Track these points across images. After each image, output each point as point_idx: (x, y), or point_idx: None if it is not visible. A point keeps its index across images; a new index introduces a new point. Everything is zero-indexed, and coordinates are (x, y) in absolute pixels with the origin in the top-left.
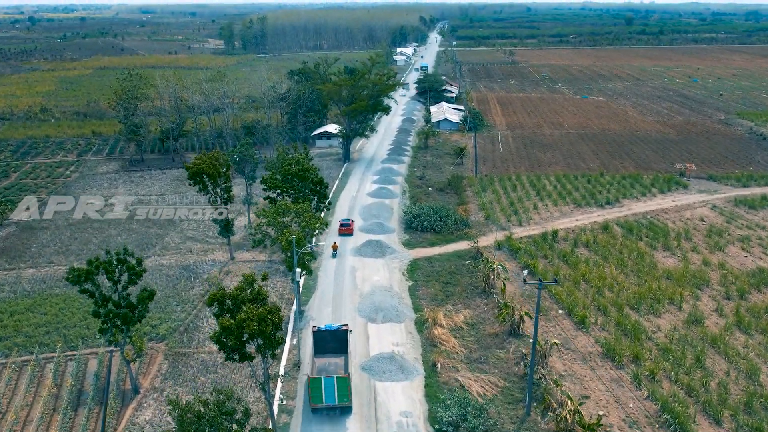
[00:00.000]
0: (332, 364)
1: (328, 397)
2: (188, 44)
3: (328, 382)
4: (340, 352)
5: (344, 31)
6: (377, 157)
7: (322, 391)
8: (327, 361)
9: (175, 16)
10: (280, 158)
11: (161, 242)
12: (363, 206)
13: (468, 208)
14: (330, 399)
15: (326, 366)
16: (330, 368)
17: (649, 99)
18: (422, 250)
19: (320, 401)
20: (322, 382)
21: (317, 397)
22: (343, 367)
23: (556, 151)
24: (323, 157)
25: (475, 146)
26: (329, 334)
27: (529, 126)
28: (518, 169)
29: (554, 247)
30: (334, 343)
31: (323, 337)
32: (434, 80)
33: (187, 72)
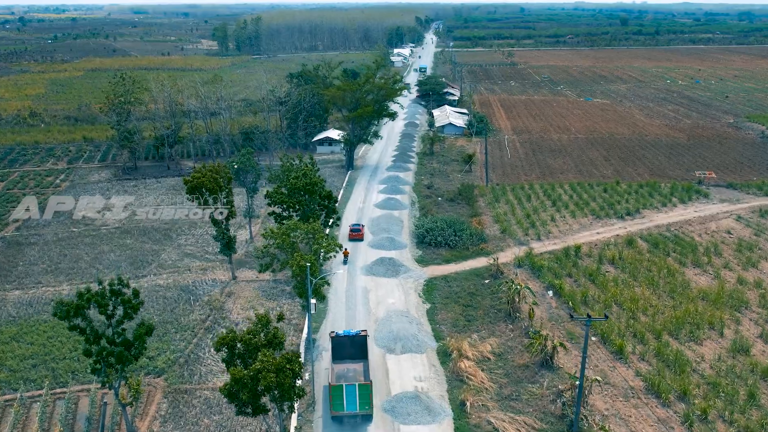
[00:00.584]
0: (351, 370)
1: (349, 404)
2: (181, 45)
3: (349, 389)
4: (358, 358)
5: (340, 32)
6: (382, 164)
7: (343, 398)
8: (346, 367)
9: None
10: (284, 169)
11: (157, 259)
12: (371, 219)
13: (482, 221)
14: (351, 406)
15: (345, 372)
16: (349, 374)
17: (654, 101)
18: (437, 267)
19: (341, 409)
20: (343, 389)
21: (338, 405)
22: (362, 373)
23: (567, 157)
24: (325, 164)
25: (486, 154)
26: (348, 339)
27: (536, 130)
28: (529, 176)
29: (578, 265)
30: (353, 349)
31: (342, 343)
32: (435, 83)
33: (181, 74)
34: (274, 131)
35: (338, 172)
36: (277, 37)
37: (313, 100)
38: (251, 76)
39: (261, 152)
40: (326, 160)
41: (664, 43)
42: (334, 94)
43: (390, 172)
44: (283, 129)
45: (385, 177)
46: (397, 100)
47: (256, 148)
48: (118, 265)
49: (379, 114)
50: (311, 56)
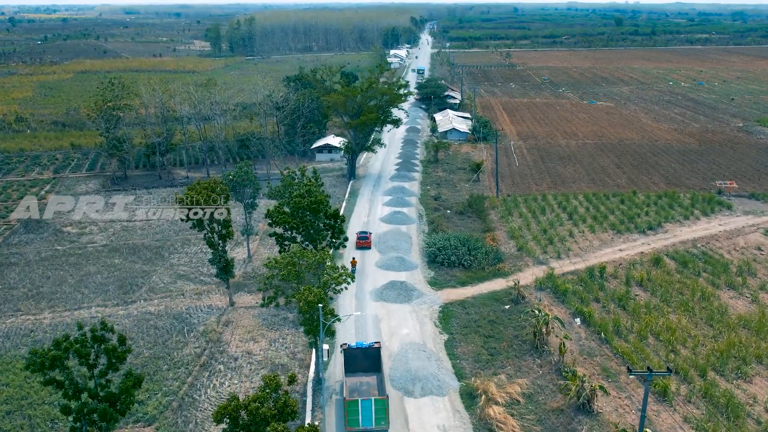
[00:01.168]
0: (364, 383)
1: (365, 420)
2: (173, 46)
3: (365, 404)
4: (371, 371)
5: (334, 33)
6: (385, 173)
7: (359, 414)
8: (359, 380)
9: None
10: (285, 183)
11: (148, 282)
12: (378, 235)
13: (496, 237)
14: (367, 422)
15: (358, 386)
16: (362, 388)
17: (659, 104)
18: (452, 291)
19: (357, 425)
20: (359, 404)
21: (354, 420)
22: (376, 386)
23: (577, 164)
24: (325, 173)
25: (497, 163)
26: (361, 352)
27: (542, 135)
28: (540, 186)
29: (605, 287)
30: (366, 362)
31: (354, 356)
32: (436, 85)
33: (173, 76)
34: (271, 138)
35: (339, 181)
36: (271, 37)
37: (312, 105)
38: (245, 78)
39: (258, 159)
40: (326, 169)
41: (662, 43)
42: (336, 100)
43: (394, 182)
44: (280, 135)
45: (389, 188)
46: (401, 106)
47: (252, 155)
48: (106, 288)
49: (383, 121)
50: (305, 57)
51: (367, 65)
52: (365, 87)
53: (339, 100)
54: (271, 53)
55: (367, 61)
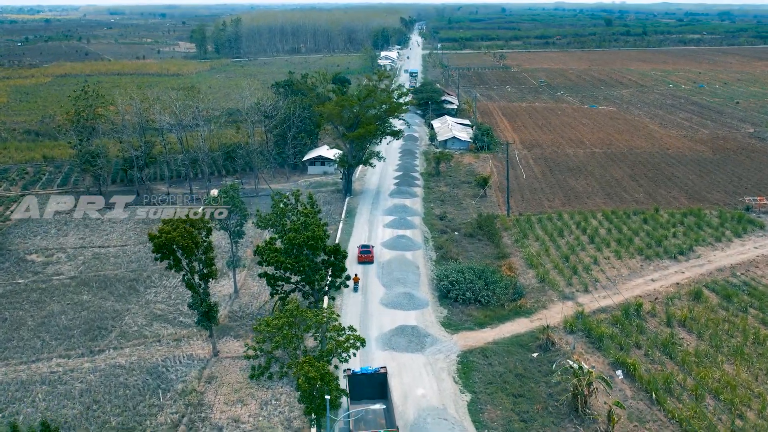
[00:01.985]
0: (370, 412)
1: None
2: (158, 48)
3: None
4: (378, 398)
5: (323, 34)
6: (383, 188)
7: None
8: (365, 409)
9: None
10: (276, 211)
11: (119, 324)
12: (381, 263)
13: (513, 265)
14: None
15: (364, 415)
16: (369, 417)
17: (663, 108)
18: (470, 335)
19: None
20: None
21: None
22: (382, 415)
23: (589, 176)
24: (318, 187)
25: (507, 179)
26: (366, 378)
27: (547, 144)
28: (552, 202)
29: (644, 329)
30: (372, 389)
31: (359, 382)
32: (432, 90)
33: (157, 79)
34: (260, 149)
35: (334, 197)
36: (258, 39)
37: (303, 114)
38: (231, 81)
39: (245, 173)
40: (319, 183)
41: (655, 44)
42: (331, 110)
43: (394, 199)
44: (269, 146)
45: (389, 206)
46: (401, 116)
47: (239, 168)
48: (70, 333)
49: (382, 133)
50: (294, 59)
51: (358, 67)
52: (363, 96)
53: (334, 111)
54: (258, 55)
55: (358, 63)
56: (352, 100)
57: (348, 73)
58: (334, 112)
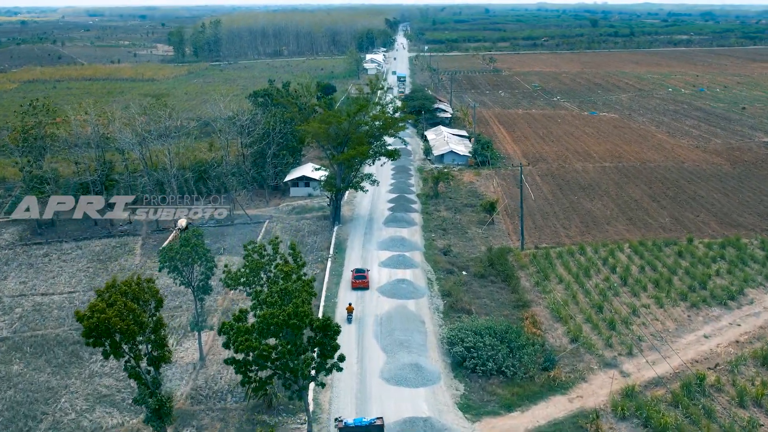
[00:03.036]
0: None
1: None
2: (134, 51)
3: None
4: None
5: (306, 36)
6: (376, 214)
7: None
8: None
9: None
10: (250, 266)
11: (51, 410)
12: (377, 316)
13: (536, 316)
14: None
15: None
16: None
17: (666, 114)
18: (496, 422)
19: None
20: None
21: None
22: None
23: (604, 196)
24: (302, 213)
25: (522, 207)
26: (361, 430)
27: (552, 157)
28: (569, 230)
29: (712, 414)
30: None
31: None
32: (424, 97)
33: (130, 85)
34: (235, 169)
35: (321, 226)
36: (238, 41)
37: (285, 129)
38: (209, 87)
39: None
40: (303, 208)
41: (646, 45)
42: (316, 129)
43: (390, 229)
44: (246, 166)
45: (385, 238)
46: (398, 134)
47: (212, 190)
48: None
49: (376, 153)
50: (275, 62)
51: (343, 70)
52: (353, 111)
53: (319, 129)
54: (239, 58)
55: (342, 66)
56: (340, 117)
57: (332, 77)
58: (320, 131)
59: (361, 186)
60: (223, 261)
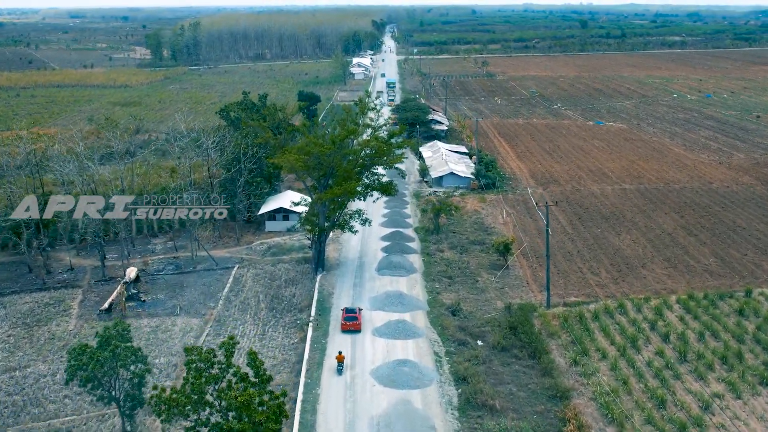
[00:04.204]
0: None
1: None
2: (110, 54)
3: None
4: None
5: (290, 38)
6: (368, 257)
7: None
8: None
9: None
10: (193, 382)
11: None
12: (373, 421)
13: (580, 416)
14: None
15: None
16: None
17: (677, 124)
18: None
19: None
20: None
21: None
22: None
23: (632, 228)
24: (279, 255)
25: (548, 257)
26: None
27: (563, 177)
28: (599, 276)
29: None
30: None
31: None
32: (417, 107)
33: (100, 92)
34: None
35: (301, 273)
36: (219, 44)
37: (260, 153)
38: (186, 94)
39: (180, 233)
40: (280, 247)
41: (640, 47)
42: (294, 162)
43: (384, 278)
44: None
45: (379, 293)
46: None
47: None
48: None
49: (367, 188)
50: (258, 66)
51: (328, 75)
52: (339, 138)
53: (297, 162)
54: (219, 62)
55: (327, 71)
56: (323, 145)
57: (317, 83)
58: (297, 164)
59: (350, 226)
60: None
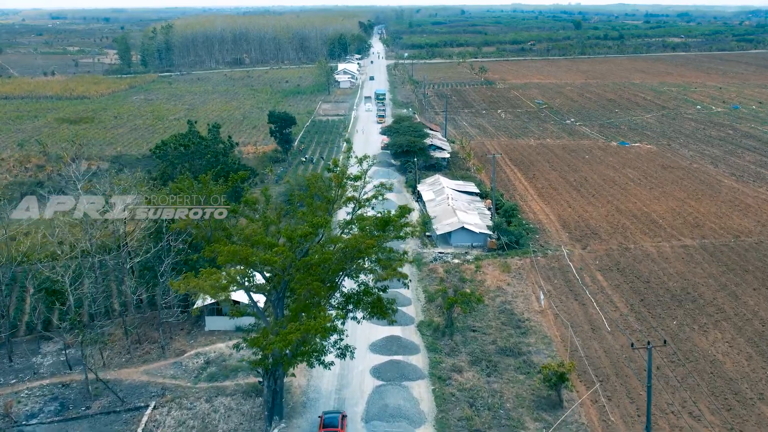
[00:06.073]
0: None
1: None
2: (76, 60)
3: None
4: None
5: (271, 42)
6: (348, 392)
7: None
8: None
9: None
10: None
11: None
12: None
13: None
14: None
15: None
16: None
17: (713, 144)
18: None
19: None
20: None
21: None
22: None
23: (720, 319)
24: (220, 380)
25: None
26: None
27: (603, 227)
28: (702, 421)
29: None
30: None
31: None
32: (413, 130)
33: (52, 105)
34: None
35: (249, 418)
36: (193, 48)
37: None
38: (150, 107)
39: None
40: (223, 366)
41: (642, 49)
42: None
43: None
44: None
45: None
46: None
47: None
48: None
49: (347, 303)
50: (234, 73)
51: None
52: (299, 234)
53: (241, 254)
54: (194, 68)
55: (310, 78)
56: (277, 245)
57: (298, 92)
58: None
59: (321, 360)
60: None
